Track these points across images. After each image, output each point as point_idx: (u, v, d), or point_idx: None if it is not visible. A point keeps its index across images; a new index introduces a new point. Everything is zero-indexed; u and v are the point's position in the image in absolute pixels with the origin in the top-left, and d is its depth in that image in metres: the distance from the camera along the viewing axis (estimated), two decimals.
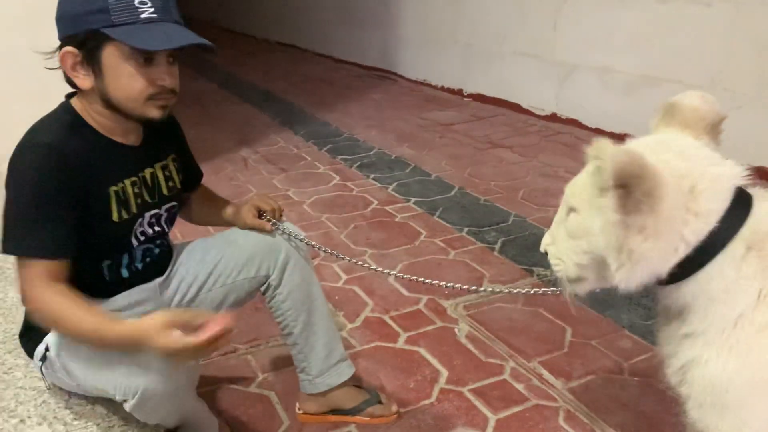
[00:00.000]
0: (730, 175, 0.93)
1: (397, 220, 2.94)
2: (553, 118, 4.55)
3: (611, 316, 2.11)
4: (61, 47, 1.22)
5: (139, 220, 1.37)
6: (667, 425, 1.64)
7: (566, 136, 4.21)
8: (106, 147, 1.30)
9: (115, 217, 1.31)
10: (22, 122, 1.30)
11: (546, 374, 1.85)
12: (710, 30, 3.45)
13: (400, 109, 5.09)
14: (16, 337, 1.69)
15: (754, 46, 3.27)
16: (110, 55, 1.20)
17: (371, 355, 1.95)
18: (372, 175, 3.54)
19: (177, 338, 1.09)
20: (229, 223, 1.61)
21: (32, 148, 1.21)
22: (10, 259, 2.13)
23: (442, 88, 5.63)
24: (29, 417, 1.39)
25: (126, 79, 1.22)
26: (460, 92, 5.43)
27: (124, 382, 1.20)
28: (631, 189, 0.87)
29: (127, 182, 1.33)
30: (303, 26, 7.92)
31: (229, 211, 1.61)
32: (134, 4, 1.18)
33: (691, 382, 0.96)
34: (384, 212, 3.03)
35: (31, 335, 1.38)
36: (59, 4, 1.22)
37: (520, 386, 1.80)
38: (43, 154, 1.20)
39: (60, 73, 1.25)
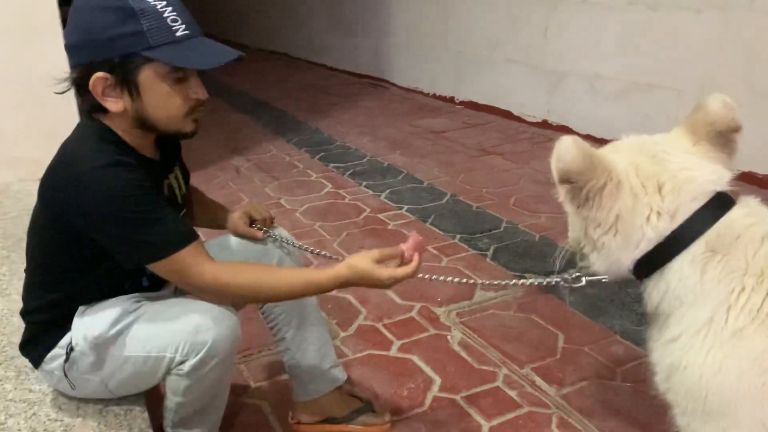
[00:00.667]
0: (707, 179, 0.95)
1: (389, 227, 2.94)
2: (545, 124, 4.57)
3: (603, 322, 2.12)
4: (87, 70, 1.20)
5: None
6: (659, 431, 1.64)
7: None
8: (141, 163, 1.30)
9: None
10: (17, 131, 1.29)
11: (539, 381, 1.85)
12: (700, 37, 3.48)
13: (392, 116, 5.11)
14: (6, 348, 1.68)
15: (742, 53, 3.30)
16: (147, 77, 1.20)
17: (364, 364, 1.95)
18: (364, 183, 3.54)
19: (396, 270, 1.26)
20: (220, 228, 1.62)
21: (105, 169, 1.19)
22: (1, 270, 2.13)
23: (434, 96, 5.66)
24: (19, 430, 1.38)
25: (164, 98, 1.22)
26: (451, 100, 5.45)
27: (191, 339, 1.23)
28: (577, 185, 0.94)
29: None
30: (295, 35, 7.94)
31: (221, 216, 1.62)
32: (168, 23, 1.18)
33: (674, 389, 0.97)
34: (377, 220, 3.04)
35: (37, 342, 1.36)
36: (78, 27, 1.20)
37: (513, 393, 1.80)
38: (120, 169, 1.20)
39: (47, 82, 1.24)
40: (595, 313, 2.16)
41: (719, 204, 0.95)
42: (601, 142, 3.73)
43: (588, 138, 4.16)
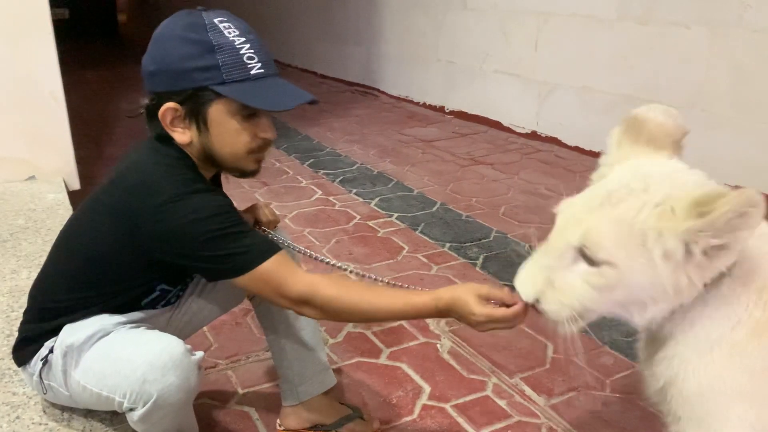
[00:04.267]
0: None
1: (379, 235, 2.94)
2: (534, 136, 4.60)
3: (592, 333, 2.12)
4: (159, 99, 1.21)
5: None
6: None
7: (546, 153, 4.26)
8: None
9: None
10: (6, 131, 1.28)
11: (528, 390, 1.85)
12: (688, 51, 3.52)
13: (382, 124, 5.11)
14: None
15: (730, 68, 3.34)
16: (217, 112, 1.20)
17: (353, 371, 1.94)
18: (354, 190, 3.54)
19: (494, 310, 1.14)
20: None
21: (191, 195, 1.19)
22: None
23: (424, 105, 5.67)
24: None
25: (232, 135, 1.23)
26: (441, 109, 5.47)
27: (137, 389, 1.17)
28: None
29: None
30: (287, 41, 7.94)
31: None
32: (244, 60, 1.18)
33: (670, 400, 0.98)
34: (366, 227, 3.03)
35: (29, 343, 1.33)
36: (157, 55, 1.20)
37: (502, 402, 1.80)
38: (203, 193, 1.21)
39: (43, 83, 1.24)
40: None
41: None
42: (590, 154, 3.75)
43: (576, 150, 4.21)
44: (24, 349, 1.34)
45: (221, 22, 1.19)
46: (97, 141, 4.38)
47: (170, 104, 1.20)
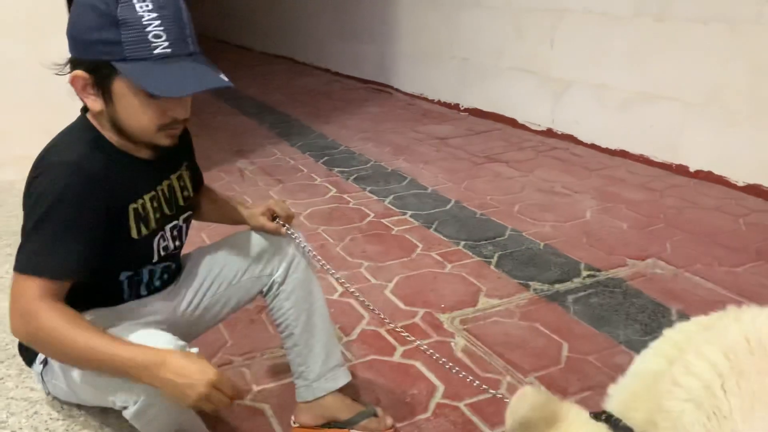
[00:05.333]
0: None
1: (393, 233, 2.94)
2: (549, 133, 4.57)
3: (607, 332, 2.11)
4: (72, 65, 1.20)
5: (160, 233, 1.37)
6: None
7: (562, 151, 4.23)
8: (125, 163, 1.28)
9: (134, 233, 1.30)
10: (22, 129, 1.30)
11: (542, 390, 1.84)
12: (706, 48, 3.48)
13: (396, 122, 5.11)
14: (8, 347, 1.67)
15: (748, 65, 3.30)
16: (121, 87, 1.18)
17: (367, 369, 1.94)
18: (368, 188, 3.54)
19: (218, 397, 1.13)
20: (238, 223, 1.63)
21: (58, 166, 1.18)
22: (4, 268, 2.12)
23: (439, 102, 5.66)
24: (20, 428, 1.37)
25: (136, 110, 1.20)
26: (456, 107, 5.46)
27: (126, 388, 1.18)
28: None
29: (146, 197, 1.33)
30: (301, 39, 7.96)
31: (242, 211, 1.63)
32: (148, 38, 1.13)
33: None
34: (380, 225, 3.03)
35: None
36: (71, 20, 1.18)
37: None
38: (70, 172, 1.18)
39: (60, 82, 1.25)
40: (599, 323, 2.15)
41: None
42: (606, 152, 3.74)
43: (592, 147, 4.18)
44: (27, 350, 1.38)
45: None
46: None
47: (78, 72, 1.17)
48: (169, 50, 1.14)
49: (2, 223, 2.50)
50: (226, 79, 1.19)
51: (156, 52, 1.13)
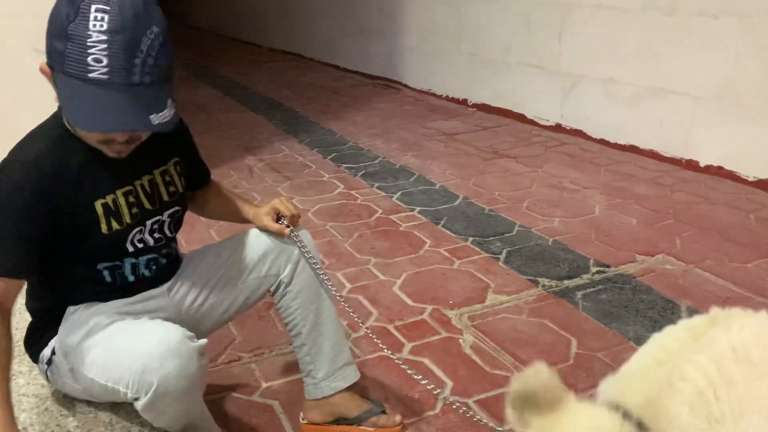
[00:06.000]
0: None
1: (401, 229, 2.94)
2: (558, 128, 4.55)
3: (617, 328, 2.10)
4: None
5: (138, 228, 1.36)
6: None
7: (571, 146, 4.21)
8: (95, 160, 1.28)
9: (104, 229, 1.30)
10: (26, 127, 1.30)
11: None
12: (716, 42, 3.45)
13: (404, 118, 5.10)
14: (20, 343, 1.69)
15: (759, 59, 3.27)
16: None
17: (375, 365, 1.94)
18: (376, 184, 3.54)
19: None
20: (244, 221, 1.62)
21: (12, 164, 1.22)
22: None
23: (447, 98, 5.65)
24: (31, 425, 1.38)
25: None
26: (464, 102, 5.44)
27: (138, 379, 1.19)
28: None
29: (119, 193, 1.32)
30: (309, 35, 7.95)
31: (247, 210, 1.62)
32: (87, 60, 1.10)
33: None
34: (388, 221, 3.03)
35: (35, 339, 1.38)
36: (51, 12, 1.17)
37: None
38: (21, 170, 1.21)
39: None
40: (608, 319, 2.15)
41: None
42: (615, 147, 3.73)
43: (601, 143, 4.16)
44: (31, 348, 1.40)
45: (98, 10, 1.10)
46: None
47: (43, 64, 1.19)
48: (105, 77, 1.11)
49: None
50: (156, 121, 1.15)
51: (90, 76, 1.11)
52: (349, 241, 2.80)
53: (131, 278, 1.39)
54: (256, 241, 1.56)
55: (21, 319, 1.80)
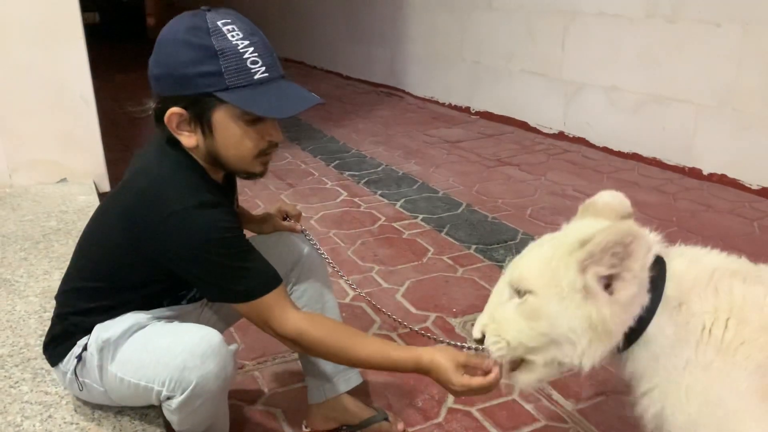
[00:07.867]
0: (653, 243, 1.04)
1: (404, 236, 2.94)
2: (561, 136, 4.56)
3: None
4: (165, 102, 1.21)
5: None
6: None
7: (574, 154, 4.21)
8: (219, 191, 1.34)
9: None
10: (36, 134, 1.31)
11: (555, 395, 1.83)
12: (719, 50, 3.45)
13: (407, 125, 5.11)
14: (23, 350, 1.69)
15: (762, 66, 3.27)
16: (221, 116, 1.21)
17: (379, 373, 1.93)
18: (379, 192, 3.54)
19: (472, 379, 1.20)
20: (253, 230, 1.65)
21: (199, 209, 1.20)
22: (19, 272, 2.14)
23: (450, 106, 5.66)
24: None
25: (236, 139, 1.23)
26: (467, 110, 5.45)
27: (177, 376, 1.20)
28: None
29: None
30: (312, 43, 7.98)
31: (256, 218, 1.66)
32: (247, 65, 1.17)
33: None
34: (391, 228, 3.03)
35: (61, 341, 1.36)
36: (160, 59, 1.19)
37: (529, 406, 1.78)
38: (208, 211, 1.21)
39: (74, 86, 1.26)
40: None
41: (660, 264, 1.03)
42: (618, 155, 3.71)
43: (604, 150, 4.16)
44: (56, 348, 1.37)
45: (225, 24, 1.17)
46: (127, 143, 4.45)
47: (175, 109, 1.20)
48: (266, 74, 1.19)
49: (17, 227, 2.52)
50: (317, 96, 1.27)
51: (256, 77, 1.18)
52: (351, 249, 2.80)
53: (185, 302, 1.42)
54: (265, 243, 1.56)
55: (25, 326, 1.81)
